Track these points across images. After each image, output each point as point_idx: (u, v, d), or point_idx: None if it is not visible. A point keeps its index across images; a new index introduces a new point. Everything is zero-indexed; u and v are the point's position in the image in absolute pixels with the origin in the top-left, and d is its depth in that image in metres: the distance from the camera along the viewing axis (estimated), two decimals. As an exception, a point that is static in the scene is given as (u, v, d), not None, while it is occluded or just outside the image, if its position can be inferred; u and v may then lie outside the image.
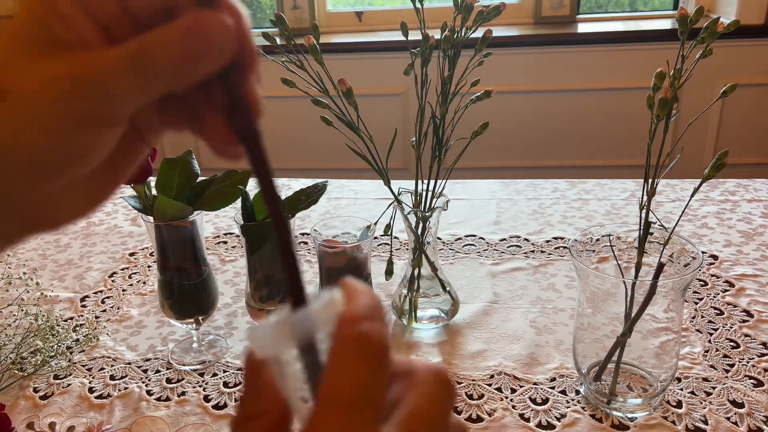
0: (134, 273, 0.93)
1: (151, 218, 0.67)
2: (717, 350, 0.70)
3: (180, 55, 0.23)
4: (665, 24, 2.22)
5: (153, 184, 0.67)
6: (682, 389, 0.65)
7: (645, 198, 0.58)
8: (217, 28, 0.23)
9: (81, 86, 0.22)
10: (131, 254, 0.98)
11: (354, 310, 0.23)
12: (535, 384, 0.67)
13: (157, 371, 0.72)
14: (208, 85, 0.25)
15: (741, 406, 0.62)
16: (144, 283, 0.90)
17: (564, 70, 2.18)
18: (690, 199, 0.61)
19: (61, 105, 0.22)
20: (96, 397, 0.68)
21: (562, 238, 0.96)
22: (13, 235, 0.25)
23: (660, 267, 0.56)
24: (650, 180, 0.57)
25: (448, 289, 0.77)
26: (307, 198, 0.69)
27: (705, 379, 0.66)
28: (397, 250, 0.94)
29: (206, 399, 0.67)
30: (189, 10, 0.23)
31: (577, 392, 0.65)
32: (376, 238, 0.95)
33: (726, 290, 0.81)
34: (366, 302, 0.24)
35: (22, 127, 0.22)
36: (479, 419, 0.63)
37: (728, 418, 0.61)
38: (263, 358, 0.24)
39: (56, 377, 0.71)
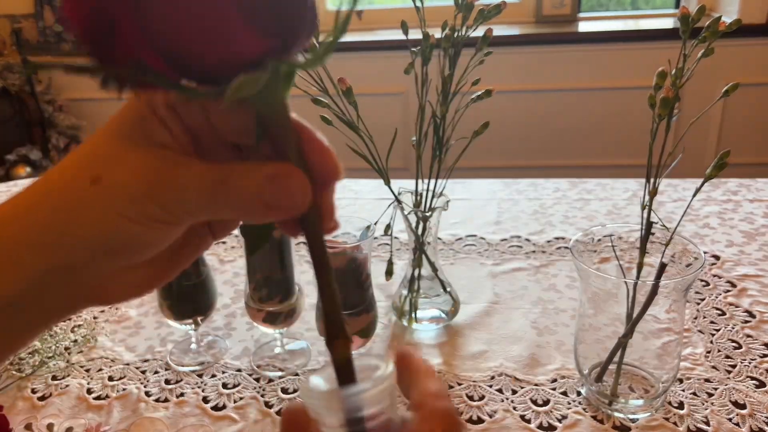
0: (133, 273, 0.92)
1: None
2: (719, 351, 0.69)
3: (255, 199, 0.24)
4: (667, 23, 2.21)
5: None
6: (683, 390, 0.64)
7: (647, 198, 0.57)
8: (296, 187, 0.24)
9: (158, 193, 0.24)
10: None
11: (436, 388, 0.28)
12: (536, 385, 0.66)
13: (156, 372, 0.71)
14: None
15: (743, 407, 0.62)
16: (143, 283, 0.89)
17: (565, 70, 2.18)
18: (692, 199, 0.61)
19: (138, 202, 0.24)
20: (94, 398, 0.68)
21: (563, 238, 0.95)
22: (72, 308, 0.27)
23: (662, 267, 0.56)
24: (652, 180, 0.57)
25: (448, 289, 0.77)
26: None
27: (707, 380, 0.65)
28: (397, 250, 0.94)
29: (205, 400, 0.67)
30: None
31: (579, 393, 0.65)
32: (376, 238, 0.95)
33: (728, 291, 0.80)
34: (437, 382, 0.29)
35: (105, 211, 0.24)
36: (480, 421, 0.62)
37: (730, 419, 0.60)
38: (308, 413, 0.27)
39: (54, 378, 0.71)
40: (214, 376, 0.70)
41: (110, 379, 0.71)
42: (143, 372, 0.72)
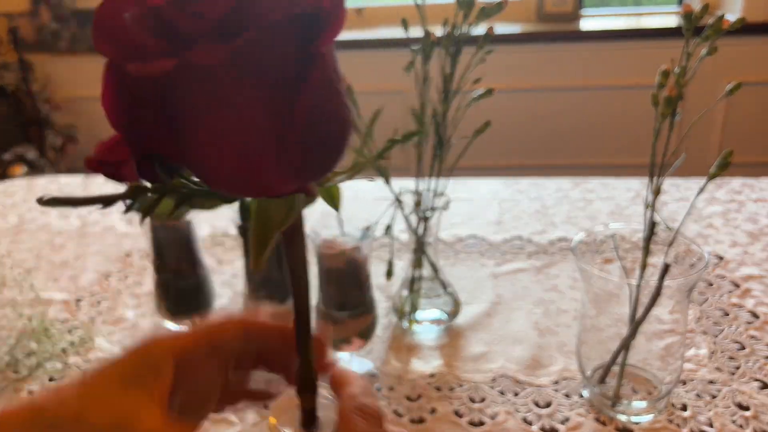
0: (130, 274, 0.92)
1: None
2: (722, 352, 0.69)
3: None
4: (669, 21, 2.20)
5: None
6: (687, 392, 0.63)
7: (650, 197, 0.57)
8: None
9: None
10: (127, 255, 0.97)
11: (352, 390, 0.33)
12: (538, 387, 0.66)
13: (154, 374, 0.71)
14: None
15: (747, 408, 0.61)
16: (140, 284, 0.89)
17: (566, 68, 2.17)
18: (695, 199, 0.60)
19: None
20: (91, 401, 0.67)
21: (565, 239, 0.94)
22: None
23: (665, 268, 0.55)
24: (655, 179, 0.56)
25: (449, 290, 0.76)
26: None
27: (710, 382, 0.65)
28: (397, 251, 0.93)
29: (203, 402, 0.66)
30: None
31: (581, 395, 0.64)
32: (376, 238, 0.94)
33: (731, 291, 0.79)
34: (359, 383, 0.34)
35: None
36: (481, 423, 0.62)
37: (734, 421, 0.60)
38: None
39: (51, 380, 0.70)
40: (212, 377, 0.70)
41: (107, 380, 0.70)
42: (141, 374, 0.71)
